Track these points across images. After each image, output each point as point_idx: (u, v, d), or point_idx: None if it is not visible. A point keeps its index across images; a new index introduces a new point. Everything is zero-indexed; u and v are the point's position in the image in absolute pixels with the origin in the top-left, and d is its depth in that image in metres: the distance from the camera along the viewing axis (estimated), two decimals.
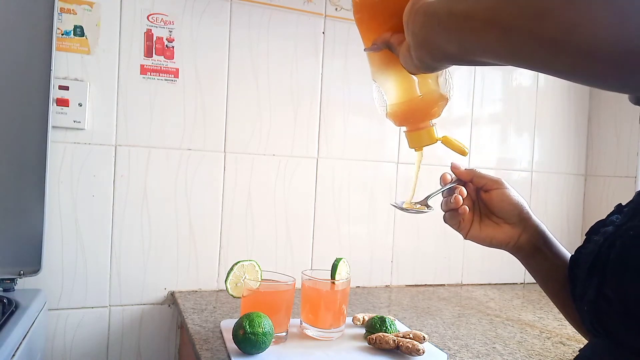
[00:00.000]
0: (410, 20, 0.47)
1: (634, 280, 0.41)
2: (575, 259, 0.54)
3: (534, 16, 0.33)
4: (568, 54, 0.32)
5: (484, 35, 0.38)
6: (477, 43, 0.39)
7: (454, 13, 0.41)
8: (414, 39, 0.47)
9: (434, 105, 0.59)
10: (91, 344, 1.13)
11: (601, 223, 0.52)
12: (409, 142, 0.63)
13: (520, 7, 0.34)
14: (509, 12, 0.35)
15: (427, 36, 0.45)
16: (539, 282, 0.65)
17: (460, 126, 1.48)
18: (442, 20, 0.43)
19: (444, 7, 0.43)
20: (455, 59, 0.44)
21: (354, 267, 1.13)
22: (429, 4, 0.45)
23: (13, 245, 0.99)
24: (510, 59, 0.37)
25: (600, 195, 1.60)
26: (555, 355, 0.93)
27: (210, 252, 1.22)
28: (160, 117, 1.16)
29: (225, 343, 0.85)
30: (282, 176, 1.28)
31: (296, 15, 1.27)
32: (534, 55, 0.34)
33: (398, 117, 0.61)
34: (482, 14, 0.38)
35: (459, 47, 0.42)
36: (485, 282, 1.53)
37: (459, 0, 0.41)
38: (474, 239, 0.65)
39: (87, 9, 1.09)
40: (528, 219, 0.64)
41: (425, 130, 0.61)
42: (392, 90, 0.60)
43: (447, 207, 0.65)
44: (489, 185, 0.64)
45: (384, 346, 0.85)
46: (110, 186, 1.13)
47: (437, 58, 0.46)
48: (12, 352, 0.74)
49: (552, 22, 0.32)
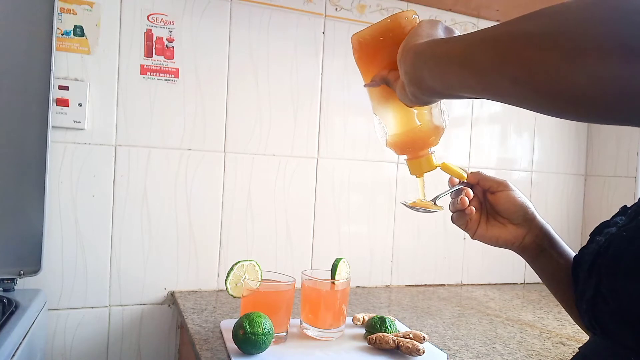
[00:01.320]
0: (402, 59, 0.51)
1: (625, 279, 0.42)
2: (578, 258, 0.55)
3: (498, 58, 0.37)
4: (532, 93, 0.35)
5: (461, 74, 0.42)
6: (456, 81, 0.43)
7: (436, 54, 0.46)
8: (406, 76, 0.50)
9: (431, 135, 0.63)
10: (91, 344, 1.13)
11: (605, 224, 0.53)
12: (410, 169, 0.66)
13: (486, 49, 0.38)
14: (477, 54, 0.40)
15: (416, 74, 0.49)
16: (545, 282, 0.67)
17: (460, 126, 1.48)
18: (427, 60, 0.47)
19: (428, 49, 0.47)
20: (441, 94, 0.48)
21: (354, 267, 1.13)
22: (418, 45, 0.49)
23: (13, 245, 0.99)
24: (488, 96, 0.41)
25: (600, 195, 1.60)
26: (555, 355, 0.93)
27: (210, 252, 1.22)
28: (160, 117, 1.16)
29: (225, 343, 0.85)
30: (282, 176, 1.28)
31: (296, 15, 1.27)
32: (505, 92, 0.38)
33: (398, 146, 0.65)
34: (457, 56, 0.43)
35: (442, 84, 0.46)
36: (485, 282, 1.53)
37: (440, 43, 0.47)
38: (481, 239, 0.67)
39: (87, 9, 1.09)
40: (533, 220, 0.65)
41: (424, 158, 0.64)
42: (391, 122, 0.64)
43: (455, 208, 0.67)
44: (495, 187, 0.66)
45: (384, 346, 0.85)
46: (110, 186, 1.13)
47: (427, 93, 0.49)
48: (12, 352, 0.74)
49: (514, 64, 0.35)
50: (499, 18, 1.47)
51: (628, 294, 0.42)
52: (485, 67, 0.38)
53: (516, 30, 0.36)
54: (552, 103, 0.34)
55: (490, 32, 0.39)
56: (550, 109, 0.35)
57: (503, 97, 0.39)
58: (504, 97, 0.39)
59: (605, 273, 0.45)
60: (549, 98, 0.34)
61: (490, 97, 0.40)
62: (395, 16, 0.58)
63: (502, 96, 0.39)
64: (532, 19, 0.35)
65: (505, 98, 0.39)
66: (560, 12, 0.33)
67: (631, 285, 0.41)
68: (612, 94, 0.31)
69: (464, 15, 1.45)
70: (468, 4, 1.38)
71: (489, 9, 1.41)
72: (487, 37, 0.39)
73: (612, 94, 0.31)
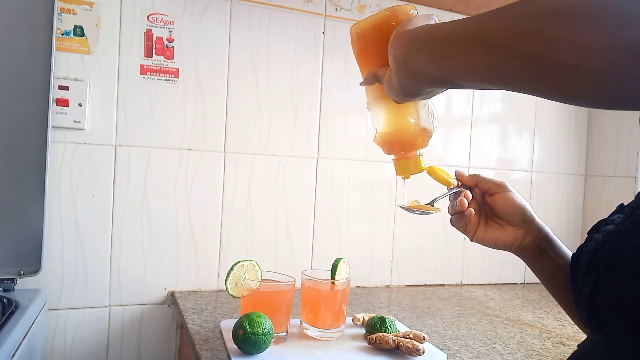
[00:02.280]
0: (393, 45, 0.49)
1: (623, 276, 0.42)
2: (577, 257, 0.55)
3: (516, 34, 0.34)
4: (550, 70, 0.32)
5: (467, 55, 0.40)
6: (459, 63, 0.41)
7: (437, 36, 0.43)
8: (395, 63, 0.49)
9: (418, 136, 0.63)
10: (91, 344, 1.13)
11: (603, 222, 0.53)
12: (397, 170, 0.66)
13: (502, 26, 0.36)
14: (491, 31, 0.37)
15: (407, 58, 0.47)
16: (544, 283, 0.67)
17: (460, 126, 1.48)
18: (423, 43, 0.45)
19: (425, 31, 0.45)
20: (435, 80, 0.46)
21: (354, 267, 1.13)
22: (412, 30, 0.47)
23: (13, 245, 0.99)
24: (492, 78, 0.38)
25: (600, 195, 1.60)
26: (555, 355, 0.93)
27: (210, 252, 1.22)
28: (160, 117, 1.16)
29: (225, 343, 0.85)
30: (282, 176, 1.28)
31: (296, 15, 1.27)
32: (516, 72, 0.35)
33: (386, 145, 0.65)
34: (465, 34, 0.40)
35: (441, 68, 0.44)
36: (485, 282, 1.53)
37: (440, 25, 0.44)
38: (480, 241, 0.67)
39: (87, 9, 1.09)
40: (531, 221, 0.65)
41: (412, 159, 0.64)
42: (381, 120, 0.64)
43: (454, 210, 0.67)
44: (493, 189, 0.66)
45: (384, 346, 0.85)
46: (110, 186, 1.13)
47: (418, 80, 0.48)
48: (12, 352, 0.74)
49: (534, 40, 0.33)
50: None
51: (626, 290, 0.41)
52: (499, 44, 0.36)
53: (534, 7, 0.34)
54: (577, 84, 0.32)
55: (505, 9, 0.37)
56: (570, 92, 0.33)
57: (515, 80, 0.36)
58: (515, 80, 0.36)
59: (603, 270, 0.45)
60: (574, 79, 0.31)
61: (496, 82, 0.38)
62: (394, 8, 0.58)
63: (514, 79, 0.36)
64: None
65: (516, 81, 0.36)
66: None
67: (629, 282, 0.41)
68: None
69: (463, 15, 1.45)
70: (468, 4, 1.38)
71: (488, 9, 1.41)
72: (498, 17, 0.37)
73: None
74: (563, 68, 0.31)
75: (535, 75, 0.34)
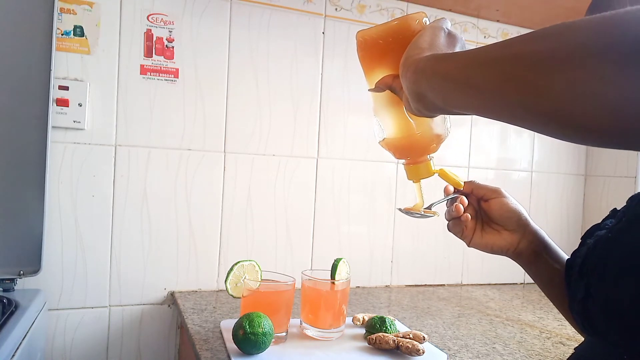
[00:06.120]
0: (403, 74, 0.50)
1: (612, 281, 0.43)
2: (570, 262, 0.56)
3: (504, 81, 0.36)
4: (538, 117, 0.34)
5: (462, 94, 0.42)
6: (457, 100, 0.43)
7: (437, 72, 0.45)
8: (409, 92, 0.50)
9: (432, 142, 0.63)
10: (91, 344, 1.13)
11: (596, 227, 0.54)
12: (408, 174, 0.65)
13: (491, 71, 0.37)
14: (482, 76, 0.38)
15: (418, 91, 0.48)
16: (541, 287, 0.67)
17: (460, 126, 1.48)
18: (428, 77, 0.46)
19: (428, 67, 0.46)
20: (445, 111, 0.48)
21: (354, 267, 1.13)
22: (419, 61, 0.48)
23: (13, 245, 0.99)
24: (491, 116, 0.40)
25: (600, 195, 1.60)
26: (555, 355, 0.93)
27: (210, 252, 1.22)
28: (160, 117, 1.16)
29: (225, 343, 0.85)
30: (282, 176, 1.28)
31: (296, 15, 1.27)
32: (509, 115, 0.37)
33: (397, 150, 0.64)
34: (461, 75, 0.42)
35: (444, 102, 0.45)
36: (485, 282, 1.53)
37: (440, 61, 0.46)
38: (477, 246, 0.68)
39: (87, 9, 1.09)
40: (527, 225, 0.66)
41: (423, 164, 0.64)
42: (392, 126, 0.63)
43: (450, 216, 0.68)
44: (488, 194, 0.67)
45: (384, 346, 0.85)
46: (110, 186, 1.13)
47: (430, 109, 0.49)
48: (12, 352, 0.74)
49: (520, 87, 0.34)
50: (498, 18, 1.47)
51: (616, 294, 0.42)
52: (488, 90, 0.38)
53: (518, 52, 0.35)
54: (562, 130, 0.33)
55: (491, 53, 0.38)
56: (558, 135, 0.34)
57: (509, 120, 0.38)
58: (510, 120, 0.38)
59: (593, 275, 0.45)
60: (557, 124, 0.33)
61: (495, 118, 0.40)
62: (403, 19, 0.57)
63: (509, 118, 0.38)
64: (535, 40, 0.34)
65: (511, 120, 0.38)
66: (561, 33, 0.32)
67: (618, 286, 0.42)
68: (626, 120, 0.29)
69: (463, 15, 1.45)
70: (468, 4, 1.38)
71: (488, 9, 1.41)
72: (488, 59, 0.38)
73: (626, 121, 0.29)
74: (547, 115, 0.33)
75: (526, 119, 0.36)
